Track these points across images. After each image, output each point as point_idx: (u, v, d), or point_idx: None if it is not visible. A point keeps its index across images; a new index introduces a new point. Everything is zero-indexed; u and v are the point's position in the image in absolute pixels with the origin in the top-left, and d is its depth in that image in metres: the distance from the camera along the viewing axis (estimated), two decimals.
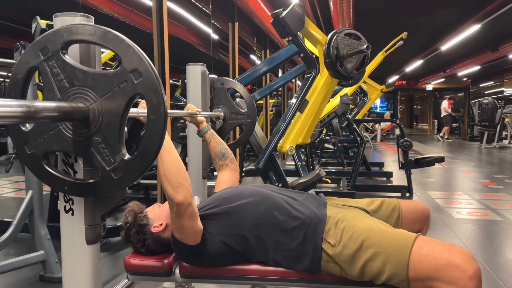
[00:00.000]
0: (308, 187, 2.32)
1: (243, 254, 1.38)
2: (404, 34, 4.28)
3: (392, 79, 17.24)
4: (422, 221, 1.54)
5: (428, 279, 1.16)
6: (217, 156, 1.78)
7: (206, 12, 5.45)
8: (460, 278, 1.11)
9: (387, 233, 1.28)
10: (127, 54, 0.81)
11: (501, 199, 4.49)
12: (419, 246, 1.20)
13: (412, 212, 1.53)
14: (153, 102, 0.82)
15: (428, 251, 1.18)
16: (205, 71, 2.22)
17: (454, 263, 1.13)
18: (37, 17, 2.52)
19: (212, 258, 1.37)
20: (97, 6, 4.15)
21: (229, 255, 1.37)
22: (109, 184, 0.87)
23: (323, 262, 1.30)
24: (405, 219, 1.50)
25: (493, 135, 10.64)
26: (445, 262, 1.14)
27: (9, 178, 5.62)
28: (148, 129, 0.83)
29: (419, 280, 1.18)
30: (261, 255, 1.37)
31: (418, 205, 1.59)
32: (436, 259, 1.15)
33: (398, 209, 1.53)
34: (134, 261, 1.42)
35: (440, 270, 1.14)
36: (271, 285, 1.41)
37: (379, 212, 1.52)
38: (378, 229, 1.30)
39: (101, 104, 0.84)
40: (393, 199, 1.59)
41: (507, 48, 9.16)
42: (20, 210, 2.26)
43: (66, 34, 0.84)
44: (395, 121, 6.28)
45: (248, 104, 2.22)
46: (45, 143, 0.88)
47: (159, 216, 1.45)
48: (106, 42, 0.82)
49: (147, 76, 0.81)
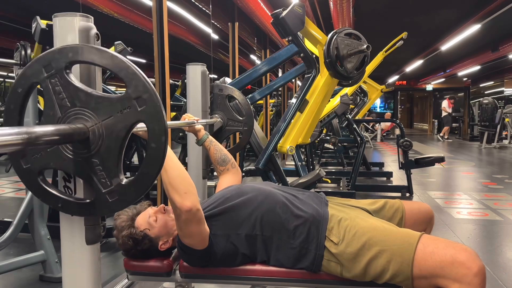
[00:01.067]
0: (308, 187, 2.32)
1: (248, 253, 1.37)
2: (404, 34, 4.29)
3: (392, 79, 17.24)
4: (425, 222, 1.53)
5: (433, 276, 1.16)
6: (218, 163, 1.77)
7: (206, 12, 5.45)
8: (465, 275, 1.12)
9: (391, 231, 1.28)
10: (132, 81, 0.81)
11: (501, 199, 4.49)
12: (423, 244, 1.21)
13: (416, 214, 1.52)
14: (155, 131, 0.82)
15: (433, 248, 1.19)
16: (205, 71, 2.22)
17: (459, 260, 1.14)
18: (37, 17, 2.52)
19: (220, 259, 1.36)
20: (97, 6, 4.15)
21: (236, 255, 1.37)
22: (103, 206, 0.87)
23: (325, 261, 1.30)
24: (409, 220, 1.50)
25: (493, 135, 10.64)
26: (450, 259, 1.15)
27: (9, 178, 5.62)
28: (147, 156, 0.83)
29: (423, 277, 1.18)
30: (264, 253, 1.37)
31: (422, 206, 1.58)
32: (441, 257, 1.16)
33: (401, 210, 1.52)
34: (134, 261, 1.42)
35: (445, 267, 1.14)
36: (272, 285, 1.41)
37: (381, 213, 1.52)
38: (382, 227, 1.30)
39: (102, 126, 0.83)
40: (396, 200, 1.59)
41: (507, 48, 9.15)
42: (20, 210, 2.26)
43: (71, 53, 0.83)
44: (395, 121, 6.28)
45: (246, 112, 2.22)
46: (42, 160, 0.88)
47: (162, 232, 1.40)
48: (113, 67, 0.82)
49: (151, 105, 0.81)
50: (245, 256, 1.38)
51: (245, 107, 2.22)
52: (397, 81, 17.70)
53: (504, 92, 14.81)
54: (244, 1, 4.94)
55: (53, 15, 0.94)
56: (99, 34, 0.95)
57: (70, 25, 0.93)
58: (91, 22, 0.95)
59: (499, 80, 15.04)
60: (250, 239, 1.36)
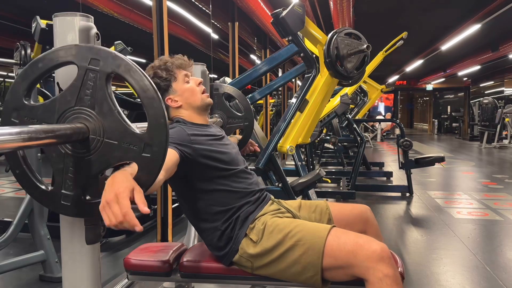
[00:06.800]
0: (308, 187, 2.32)
1: None
2: (404, 34, 4.29)
3: (392, 79, 17.25)
4: (361, 223, 1.50)
5: (349, 265, 1.19)
6: None
7: (206, 12, 5.45)
8: (371, 257, 1.15)
9: (306, 225, 1.31)
10: (155, 128, 0.83)
11: (501, 199, 4.49)
12: (335, 236, 1.24)
13: (347, 215, 1.51)
14: (140, 179, 0.85)
15: (345, 239, 1.22)
16: (205, 71, 2.22)
17: (368, 247, 1.17)
18: (37, 16, 2.52)
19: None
20: (97, 6, 4.14)
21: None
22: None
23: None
24: (339, 221, 1.47)
25: (493, 135, 10.65)
26: (360, 246, 1.18)
27: (9, 178, 5.63)
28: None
29: (340, 267, 1.21)
30: None
31: (355, 208, 1.56)
32: (352, 246, 1.19)
33: (326, 212, 1.51)
34: (134, 261, 1.42)
35: (358, 255, 1.17)
36: (272, 285, 1.41)
37: (307, 214, 1.52)
38: (302, 223, 1.34)
39: (102, 129, 0.85)
40: (321, 201, 1.58)
41: (507, 48, 9.15)
42: (20, 210, 2.26)
43: (123, 67, 0.83)
44: (395, 121, 6.28)
45: (244, 107, 2.22)
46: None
47: (181, 92, 1.48)
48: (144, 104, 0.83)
49: (155, 159, 0.84)
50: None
51: (242, 102, 2.21)
52: (397, 81, 17.70)
53: (504, 92, 14.83)
54: (244, 1, 4.94)
55: (53, 14, 0.94)
56: (99, 34, 0.95)
57: (70, 24, 0.93)
58: (91, 22, 0.95)
59: (499, 80, 15.06)
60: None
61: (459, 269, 2.53)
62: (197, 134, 1.40)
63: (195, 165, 1.34)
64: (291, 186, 2.30)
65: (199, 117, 1.53)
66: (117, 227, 0.78)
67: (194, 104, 1.50)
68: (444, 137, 15.39)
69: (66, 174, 0.87)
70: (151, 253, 1.45)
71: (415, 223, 3.59)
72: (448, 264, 2.60)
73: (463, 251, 2.83)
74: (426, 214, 3.88)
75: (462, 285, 2.28)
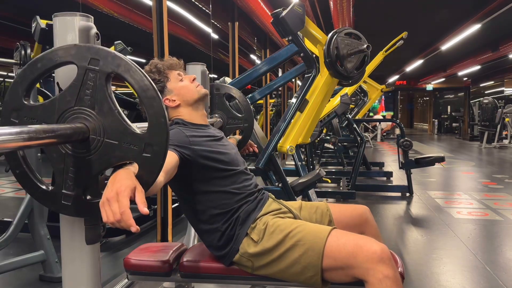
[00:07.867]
0: (308, 187, 2.32)
1: None
2: (404, 34, 4.29)
3: (392, 79, 17.24)
4: (360, 224, 1.50)
5: (349, 266, 1.19)
6: None
7: (206, 11, 5.45)
8: (371, 258, 1.15)
9: (307, 226, 1.31)
10: (155, 127, 0.83)
11: (501, 199, 4.49)
12: (335, 237, 1.24)
13: (348, 216, 1.51)
14: (142, 177, 0.85)
15: (345, 240, 1.22)
16: (205, 71, 2.21)
17: (368, 247, 1.17)
18: (37, 16, 2.52)
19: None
20: (97, 6, 4.14)
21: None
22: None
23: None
24: (340, 223, 1.47)
25: (493, 135, 10.66)
26: (360, 248, 1.18)
27: (9, 178, 5.63)
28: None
29: (340, 268, 1.21)
30: None
31: (355, 209, 1.55)
32: (352, 247, 1.19)
33: (327, 213, 1.51)
34: (134, 261, 1.42)
35: (358, 256, 1.17)
36: (272, 285, 1.41)
37: (308, 215, 1.52)
38: (303, 224, 1.34)
39: (102, 128, 0.85)
40: (322, 202, 1.58)
41: (507, 48, 9.15)
42: (20, 210, 2.26)
43: (123, 67, 0.82)
44: (395, 121, 6.28)
45: (245, 108, 2.22)
46: None
47: (177, 91, 1.48)
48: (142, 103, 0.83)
49: (155, 158, 0.84)
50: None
51: (243, 104, 2.21)
52: (397, 80, 17.69)
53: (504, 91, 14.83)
54: (244, 1, 4.93)
55: (53, 14, 0.94)
56: (99, 33, 0.95)
57: (70, 24, 0.92)
58: (91, 21, 0.95)
59: (499, 80, 15.06)
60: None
61: (459, 269, 2.53)
62: (196, 135, 1.40)
63: (194, 167, 1.34)
64: (291, 186, 2.30)
65: (198, 115, 1.53)
66: (114, 225, 0.78)
67: (191, 99, 1.51)
68: (444, 137, 15.40)
69: (67, 174, 0.86)
70: (151, 253, 1.45)
71: (415, 223, 3.59)
72: (448, 264, 2.60)
73: (463, 251, 2.83)
74: (426, 214, 3.88)
75: (462, 285, 2.28)
